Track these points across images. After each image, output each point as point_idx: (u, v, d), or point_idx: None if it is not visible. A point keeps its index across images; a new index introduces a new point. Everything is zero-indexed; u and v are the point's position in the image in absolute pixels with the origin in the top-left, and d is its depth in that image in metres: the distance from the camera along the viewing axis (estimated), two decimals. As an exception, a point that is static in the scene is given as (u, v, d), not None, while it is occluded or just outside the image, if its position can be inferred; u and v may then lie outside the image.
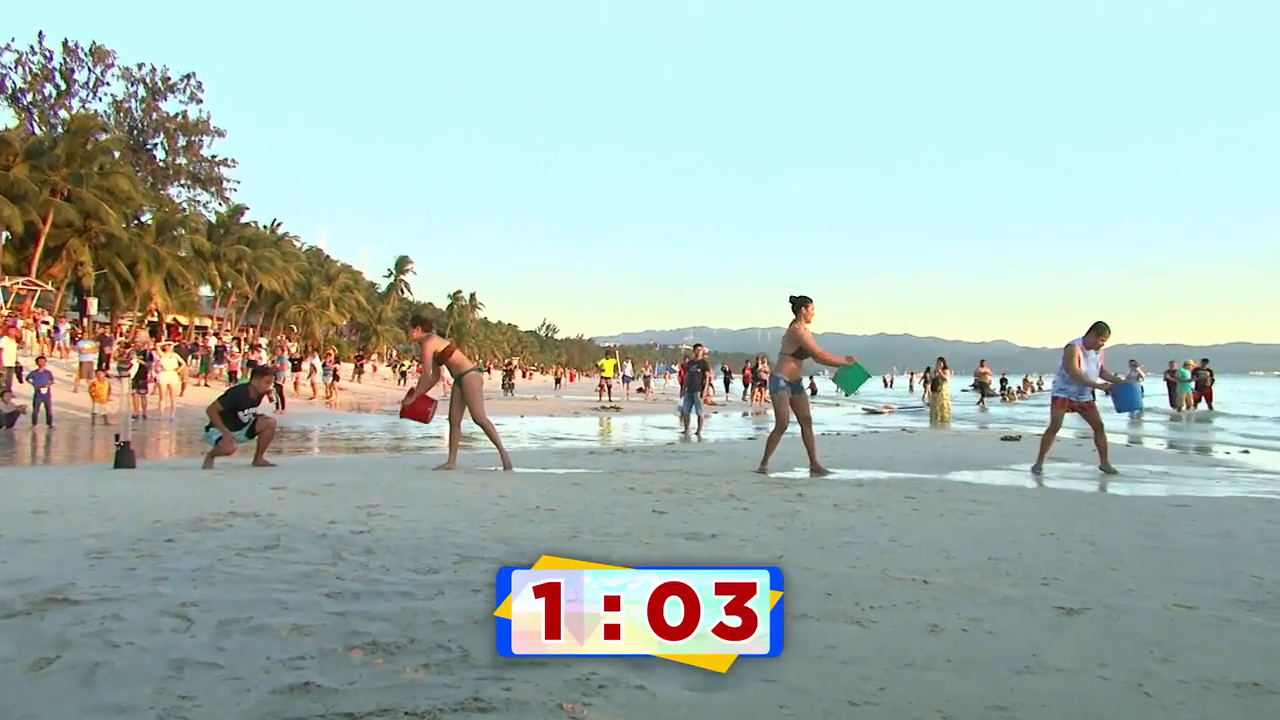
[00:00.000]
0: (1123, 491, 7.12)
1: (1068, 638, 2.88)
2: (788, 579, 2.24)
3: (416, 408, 8.68)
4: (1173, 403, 24.95)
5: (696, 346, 17.29)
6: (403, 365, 51.52)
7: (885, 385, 59.46)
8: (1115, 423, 18.25)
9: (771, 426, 8.49)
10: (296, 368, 33.06)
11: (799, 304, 8.14)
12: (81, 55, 43.98)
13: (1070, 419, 8.74)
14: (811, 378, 33.67)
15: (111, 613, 2.94)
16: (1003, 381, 37.73)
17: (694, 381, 15.80)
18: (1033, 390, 43.91)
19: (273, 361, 29.39)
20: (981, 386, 29.32)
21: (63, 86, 43.14)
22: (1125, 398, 8.85)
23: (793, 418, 8.24)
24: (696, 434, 15.32)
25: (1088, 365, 8.33)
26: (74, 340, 28.64)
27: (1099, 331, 8.33)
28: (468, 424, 8.72)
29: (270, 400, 18.78)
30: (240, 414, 8.77)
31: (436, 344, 8.44)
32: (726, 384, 35.62)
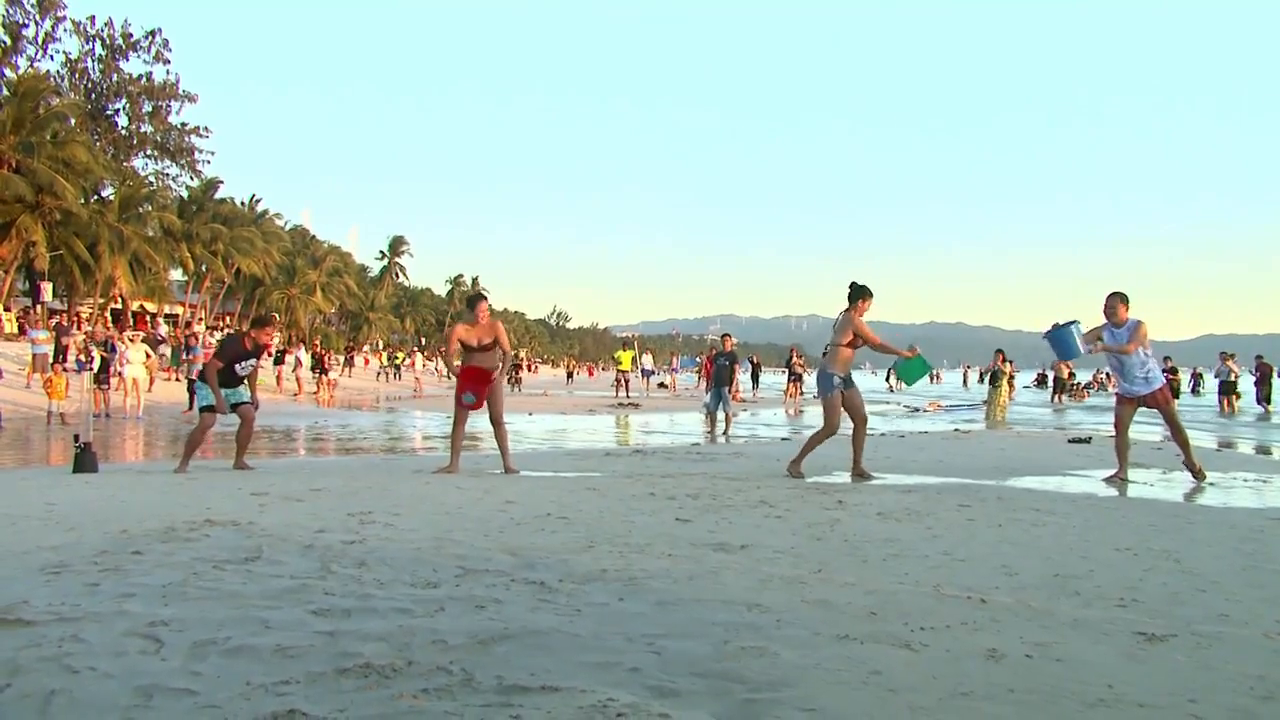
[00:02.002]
0: (1212, 502, 7.05)
1: (1149, 668, 2.85)
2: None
3: (481, 381, 8.65)
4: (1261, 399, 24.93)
5: (724, 337, 17.33)
6: (396, 358, 51.74)
7: (931, 381, 59.16)
8: (1202, 428, 18.10)
9: (810, 430, 8.48)
10: (280, 360, 33.38)
11: (858, 294, 8.18)
12: (27, 6, 43.69)
13: (1150, 424, 8.57)
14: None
15: (70, 634, 2.97)
16: (1069, 375, 37.50)
17: (721, 376, 15.84)
18: (1101, 385, 43.53)
19: (152, 335, 27.66)
20: (1060, 382, 29.22)
21: (7, 43, 42.93)
22: (1060, 340, 8.27)
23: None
24: (724, 434, 15.35)
25: (1109, 339, 8.22)
26: (24, 330, 28.75)
27: (1111, 303, 8.19)
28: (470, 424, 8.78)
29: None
30: (237, 367, 8.79)
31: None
32: (756, 379, 35.53)
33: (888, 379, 45.49)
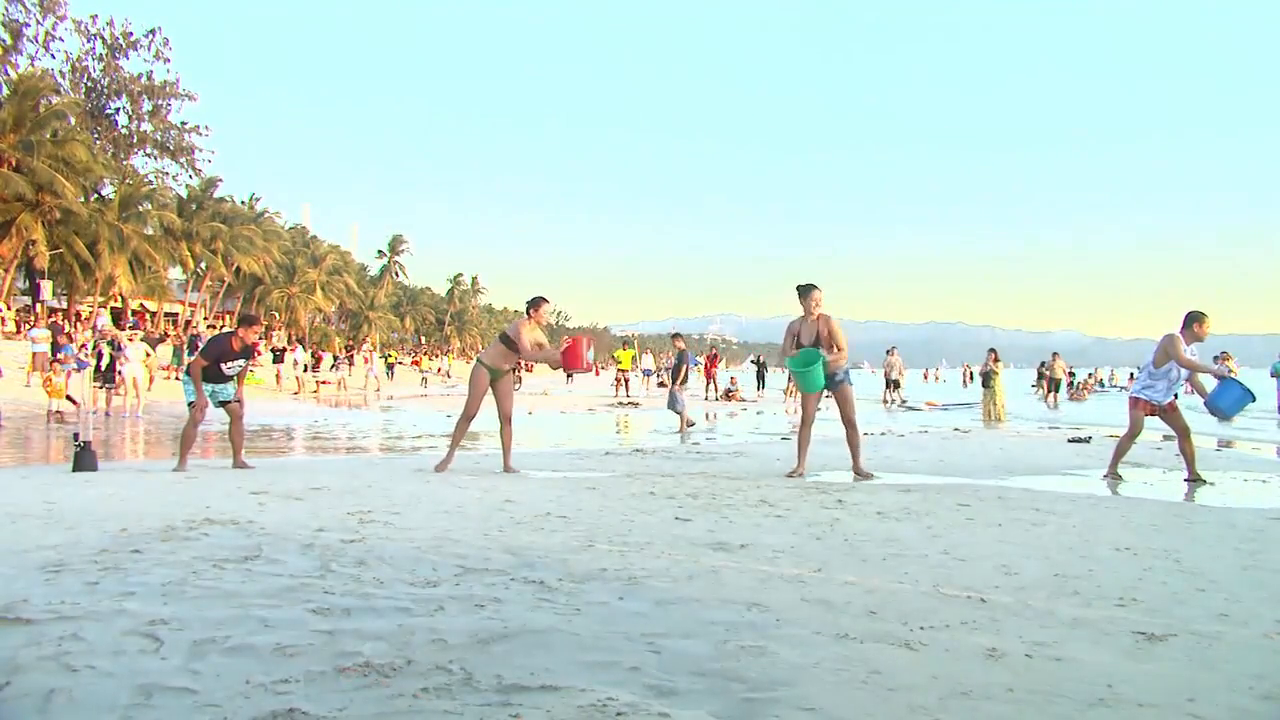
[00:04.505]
0: (1213, 502, 7.04)
1: (1149, 667, 2.85)
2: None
3: (575, 356, 8.77)
4: None
5: (674, 337, 17.99)
6: (390, 356, 51.83)
7: (925, 379, 59.45)
8: (1204, 425, 18.10)
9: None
10: (279, 359, 33.48)
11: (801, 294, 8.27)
12: (27, 4, 43.40)
13: (1150, 421, 8.61)
14: (732, 376, 33.45)
15: (70, 632, 2.97)
16: (1070, 376, 37.55)
17: (674, 374, 16.51)
18: (1102, 384, 43.51)
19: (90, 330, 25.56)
20: (1053, 381, 29.14)
21: (8, 41, 42.77)
22: (1228, 397, 8.35)
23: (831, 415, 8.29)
24: (678, 433, 15.63)
25: (1175, 366, 8.26)
26: (18, 328, 28.68)
27: (1199, 321, 8.19)
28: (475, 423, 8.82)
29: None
30: (224, 366, 8.78)
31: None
32: (761, 379, 35.48)
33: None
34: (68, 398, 19.18)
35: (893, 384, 27.02)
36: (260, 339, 10.66)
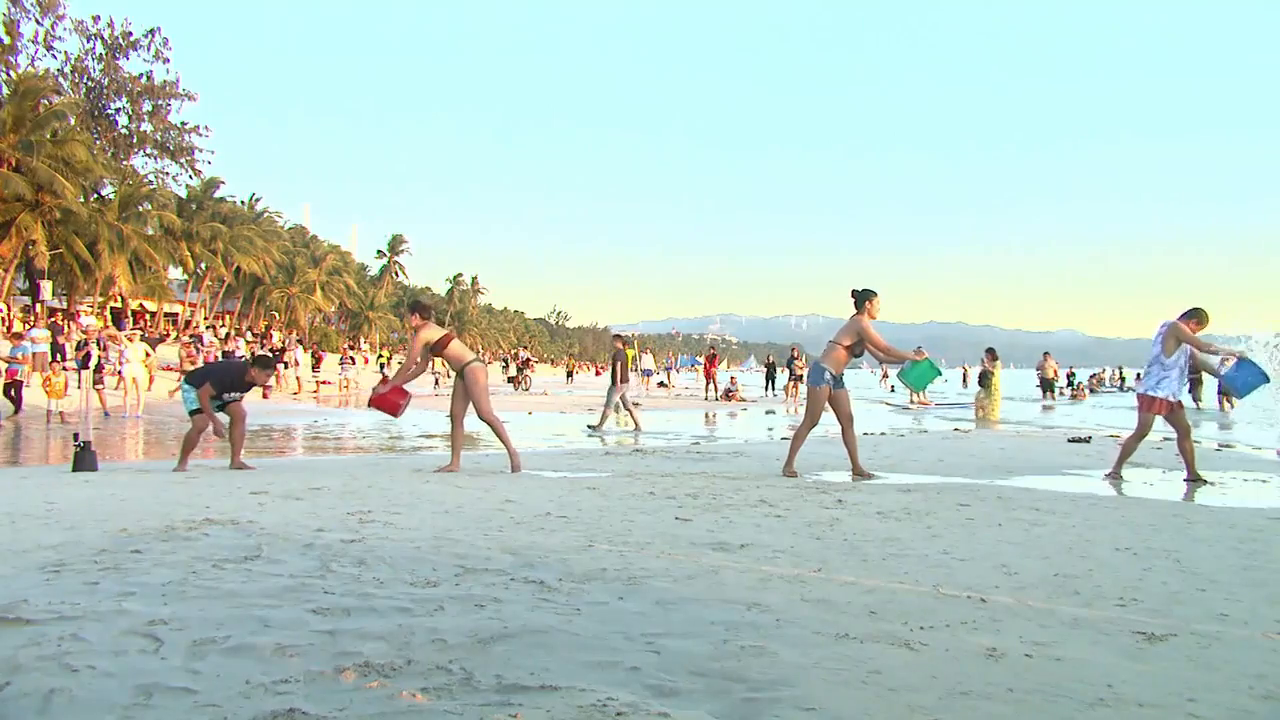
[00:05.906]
0: (1213, 502, 7.04)
1: (1149, 667, 2.86)
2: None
3: (387, 398, 8.69)
4: None
5: (615, 337, 18.39)
6: (382, 356, 51.92)
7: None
8: (1204, 427, 18.09)
9: None
10: (278, 359, 33.56)
11: (864, 298, 8.29)
12: (26, 4, 43.24)
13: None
14: (732, 376, 33.40)
15: (70, 632, 2.97)
16: (1070, 376, 37.59)
17: (611, 373, 17.04)
18: (1105, 384, 43.50)
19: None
20: (1047, 382, 29.12)
21: (6, 41, 42.69)
22: (1244, 375, 8.28)
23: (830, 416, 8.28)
24: (596, 426, 16.23)
25: (1184, 354, 8.23)
26: (8, 328, 28.62)
27: (1198, 319, 8.18)
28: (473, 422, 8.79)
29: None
30: (225, 395, 8.85)
31: (431, 333, 8.46)
32: (770, 380, 35.43)
33: (884, 379, 45.28)
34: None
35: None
36: (270, 384, 10.77)
